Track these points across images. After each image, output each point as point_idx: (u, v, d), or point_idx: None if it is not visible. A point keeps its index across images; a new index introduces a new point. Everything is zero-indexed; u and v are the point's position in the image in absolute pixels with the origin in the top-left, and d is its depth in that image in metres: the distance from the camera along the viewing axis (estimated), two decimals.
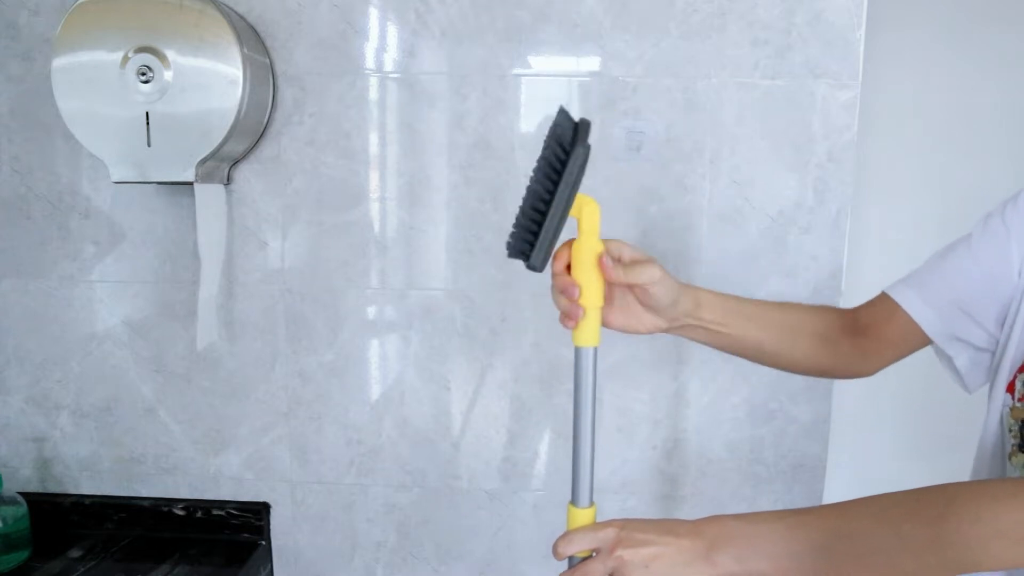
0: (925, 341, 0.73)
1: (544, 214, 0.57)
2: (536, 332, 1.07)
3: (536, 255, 0.58)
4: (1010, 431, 0.67)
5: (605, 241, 0.62)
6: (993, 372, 0.71)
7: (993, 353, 0.70)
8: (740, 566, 0.56)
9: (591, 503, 0.63)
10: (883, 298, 0.75)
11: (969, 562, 0.48)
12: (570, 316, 0.62)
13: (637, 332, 0.70)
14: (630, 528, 0.59)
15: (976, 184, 1.35)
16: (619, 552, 0.58)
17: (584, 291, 0.61)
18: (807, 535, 0.55)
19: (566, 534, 0.61)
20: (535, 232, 0.58)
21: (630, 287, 0.66)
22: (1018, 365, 0.67)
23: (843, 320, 0.77)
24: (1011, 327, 0.67)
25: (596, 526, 0.61)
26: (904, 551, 0.50)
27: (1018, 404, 0.66)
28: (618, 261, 0.64)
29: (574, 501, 0.63)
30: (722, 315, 0.72)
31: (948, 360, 0.73)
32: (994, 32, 1.33)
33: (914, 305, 0.71)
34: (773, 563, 0.55)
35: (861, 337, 0.75)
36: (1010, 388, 0.68)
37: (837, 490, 1.49)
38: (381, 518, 1.13)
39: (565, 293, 0.62)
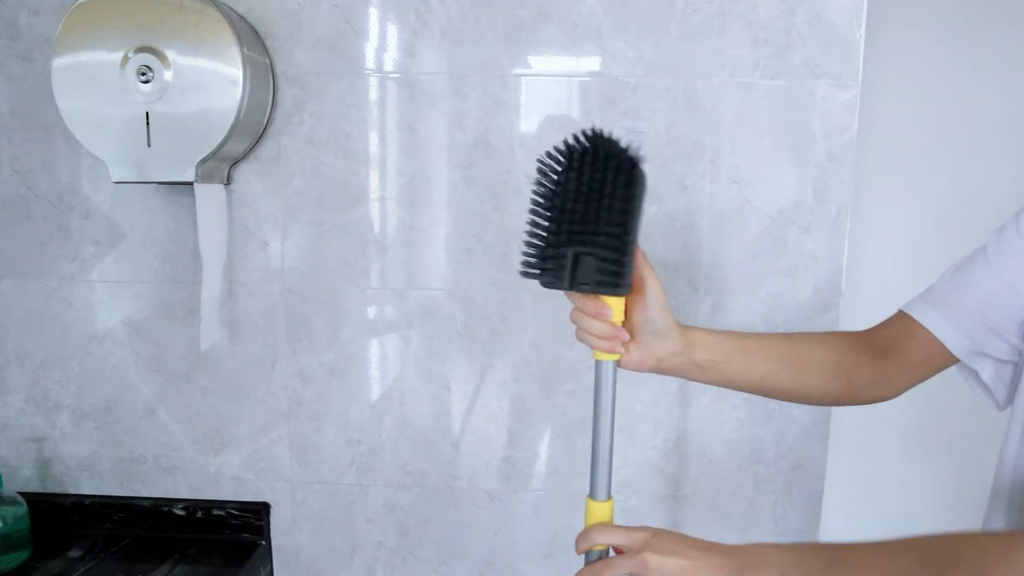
0: (949, 360, 0.70)
1: (621, 238, 0.59)
2: (536, 332, 1.07)
3: (628, 279, 0.60)
4: None
5: None
6: (1015, 386, 0.68)
7: (1016, 365, 0.68)
8: None
9: (609, 497, 0.64)
10: (901, 317, 0.72)
11: None
12: (615, 337, 0.63)
13: (622, 365, 0.68)
14: (663, 537, 0.59)
15: (976, 184, 1.34)
16: (646, 555, 0.58)
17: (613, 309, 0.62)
18: (843, 572, 0.54)
19: (597, 526, 0.61)
20: (618, 259, 0.58)
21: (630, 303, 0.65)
22: None
23: (858, 345, 0.74)
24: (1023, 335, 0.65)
25: (631, 528, 0.61)
26: None
27: None
28: None
29: (592, 495, 0.64)
30: (717, 354, 0.70)
31: (974, 375, 0.71)
32: (994, 32, 1.33)
33: (936, 323, 0.69)
34: None
35: (881, 360, 0.72)
36: None
37: (837, 490, 1.49)
38: (381, 518, 1.13)
39: (599, 316, 0.62)
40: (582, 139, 0.59)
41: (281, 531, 1.14)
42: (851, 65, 0.99)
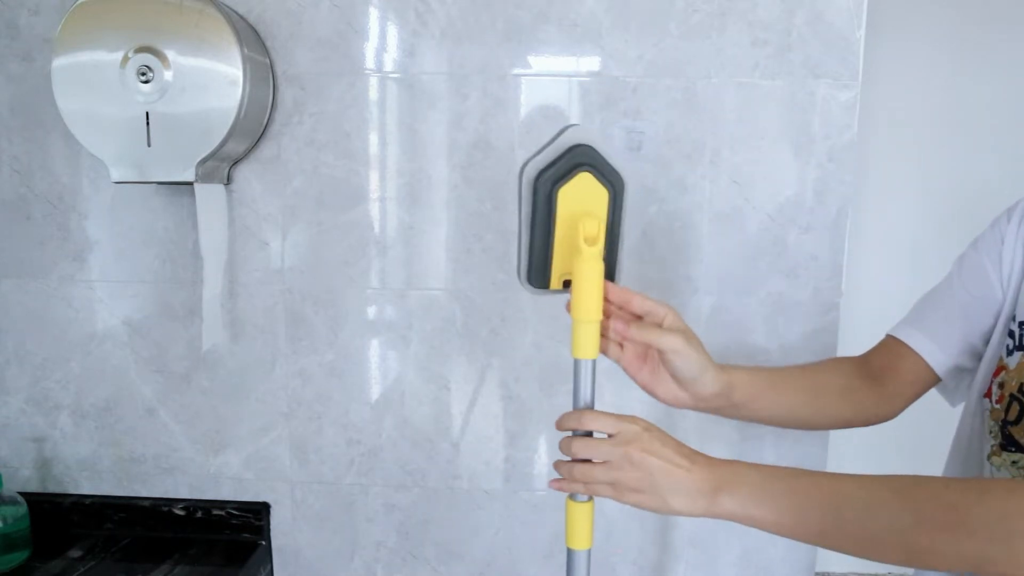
0: (934, 378, 0.74)
1: None
2: (536, 332, 1.07)
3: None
4: (990, 432, 0.69)
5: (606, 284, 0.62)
6: (969, 380, 0.73)
7: (974, 370, 0.73)
8: (741, 510, 0.56)
9: (590, 498, 0.64)
10: (890, 340, 0.76)
11: (986, 556, 0.48)
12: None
13: (659, 399, 0.69)
14: (653, 433, 0.60)
15: (976, 183, 1.35)
16: (631, 449, 0.58)
17: (580, 304, 0.61)
18: (820, 495, 0.55)
19: (589, 412, 0.61)
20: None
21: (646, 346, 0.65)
22: (992, 371, 0.69)
23: (858, 369, 0.78)
24: (987, 342, 0.71)
25: (623, 416, 0.61)
26: (919, 530, 0.50)
27: (996, 406, 0.68)
28: (625, 308, 0.64)
29: (572, 496, 0.64)
30: (752, 393, 0.71)
31: (941, 385, 0.76)
32: (993, 32, 1.33)
33: (919, 342, 0.73)
34: (776, 515, 0.55)
35: (877, 383, 0.76)
36: (988, 394, 0.70)
37: None
38: (381, 518, 1.13)
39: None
40: None
41: (281, 531, 1.14)
42: (851, 65, 0.99)
